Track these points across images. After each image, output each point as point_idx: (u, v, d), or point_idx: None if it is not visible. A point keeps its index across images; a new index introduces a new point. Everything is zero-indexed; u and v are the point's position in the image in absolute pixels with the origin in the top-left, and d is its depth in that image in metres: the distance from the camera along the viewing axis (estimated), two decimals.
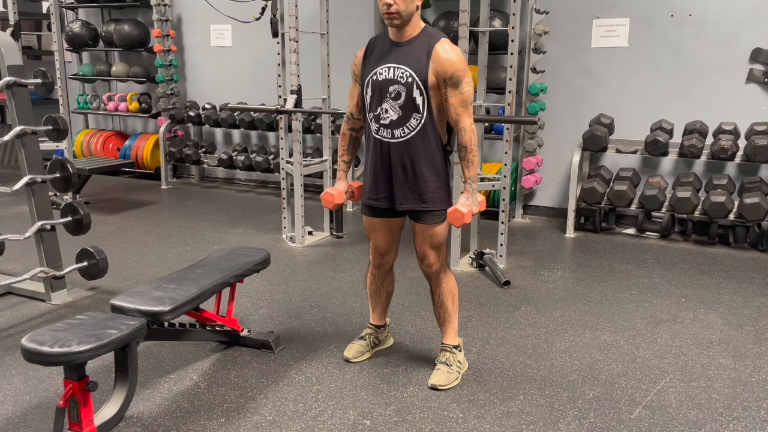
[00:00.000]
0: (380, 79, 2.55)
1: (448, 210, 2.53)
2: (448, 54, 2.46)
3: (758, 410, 2.56)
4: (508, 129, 4.20)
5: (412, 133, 2.55)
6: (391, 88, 2.53)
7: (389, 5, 2.41)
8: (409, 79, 2.49)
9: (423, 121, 2.53)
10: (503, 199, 4.21)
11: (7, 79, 3.37)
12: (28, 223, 3.55)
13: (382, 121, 2.58)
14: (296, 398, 2.64)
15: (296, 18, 4.47)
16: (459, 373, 2.78)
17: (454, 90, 2.48)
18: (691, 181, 4.88)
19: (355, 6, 6.05)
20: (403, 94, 2.51)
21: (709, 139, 4.92)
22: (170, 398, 2.65)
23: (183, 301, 2.57)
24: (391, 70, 2.53)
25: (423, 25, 2.55)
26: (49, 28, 6.38)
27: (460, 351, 2.82)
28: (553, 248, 4.77)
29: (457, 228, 2.68)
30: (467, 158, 2.54)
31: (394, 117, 2.55)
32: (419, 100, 2.51)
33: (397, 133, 2.56)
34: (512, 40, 4.07)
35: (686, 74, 5.09)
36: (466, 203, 2.52)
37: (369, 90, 2.60)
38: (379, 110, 2.58)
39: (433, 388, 2.70)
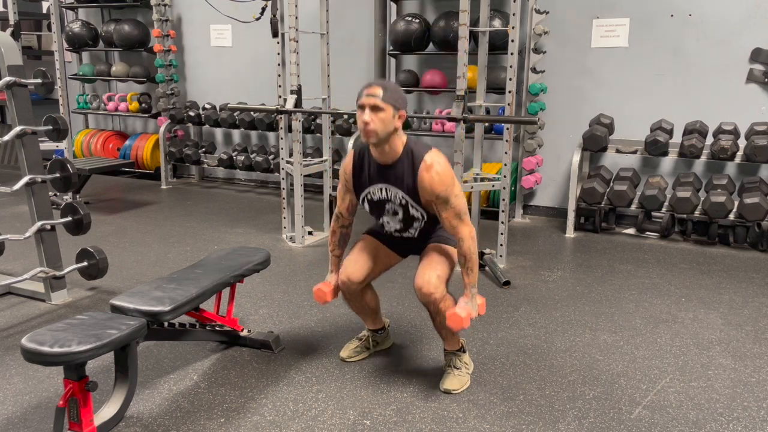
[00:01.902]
0: (375, 199, 2.63)
1: (447, 313, 2.52)
2: (431, 176, 2.46)
3: (758, 410, 2.56)
4: (508, 129, 4.20)
5: (419, 230, 2.67)
6: (387, 207, 2.62)
7: (366, 123, 2.41)
8: (403, 201, 2.56)
9: (425, 222, 2.63)
10: (503, 199, 4.21)
11: (7, 79, 3.36)
12: (28, 223, 3.55)
13: (386, 228, 2.72)
14: (296, 398, 2.64)
15: (296, 18, 4.47)
16: (468, 374, 2.77)
17: (445, 206, 2.50)
18: (691, 181, 4.88)
19: (355, 6, 6.05)
20: (400, 212, 2.60)
21: (709, 139, 4.92)
22: (170, 398, 2.65)
23: (183, 301, 2.57)
24: (384, 191, 2.59)
25: (405, 140, 2.53)
26: (49, 28, 6.38)
27: (464, 352, 2.81)
28: (553, 248, 4.77)
29: (456, 331, 2.67)
30: (467, 266, 2.55)
31: (397, 226, 2.67)
32: (417, 214, 2.59)
33: (405, 234, 2.71)
34: (512, 40, 4.07)
35: (686, 74, 5.09)
36: (465, 307, 2.53)
37: (366, 205, 2.68)
38: (381, 221, 2.71)
39: (446, 392, 2.67)
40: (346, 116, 5.90)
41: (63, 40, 6.61)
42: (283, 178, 4.88)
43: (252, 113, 6.38)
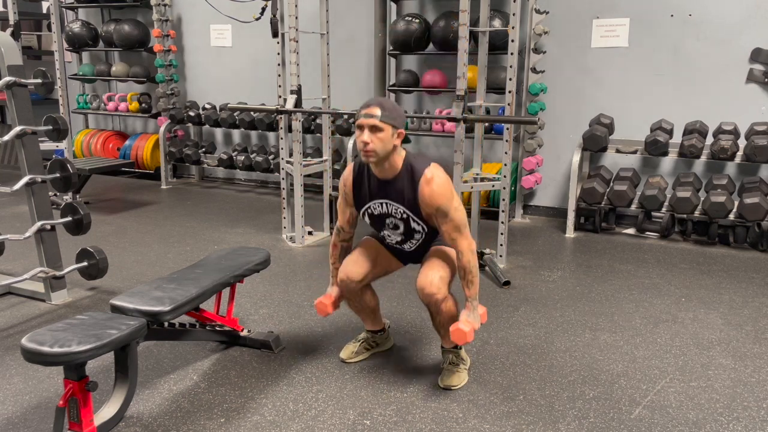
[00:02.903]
0: (376, 213, 2.65)
1: (451, 329, 2.54)
2: (431, 190, 2.48)
3: (758, 410, 2.56)
4: (508, 129, 4.20)
5: (419, 243, 2.70)
6: (388, 221, 2.65)
7: (365, 144, 2.43)
8: (404, 215, 2.59)
9: (425, 235, 2.66)
10: (503, 199, 4.21)
11: (7, 79, 3.36)
12: (28, 223, 3.55)
13: (387, 240, 2.77)
14: (296, 398, 2.64)
15: (296, 18, 4.47)
16: (466, 370, 2.80)
17: (445, 219, 2.51)
18: (691, 181, 4.88)
19: (355, 6, 6.05)
20: (402, 226, 2.63)
21: (709, 139, 4.92)
22: (170, 398, 2.65)
23: (183, 301, 2.57)
24: (384, 206, 2.61)
25: (403, 156, 2.55)
26: (49, 28, 6.38)
27: (461, 349, 2.82)
28: (553, 248, 4.77)
29: (460, 346, 2.73)
30: (467, 279, 2.56)
31: (398, 238, 2.70)
32: (418, 227, 2.62)
33: (405, 246, 2.74)
34: (512, 40, 4.07)
35: (686, 74, 5.09)
36: (468, 320, 2.55)
37: (367, 218, 2.71)
38: (382, 233, 2.75)
39: (446, 388, 2.70)
40: (346, 116, 5.90)
41: (63, 40, 6.61)
42: (283, 178, 4.88)
43: (252, 113, 6.38)
